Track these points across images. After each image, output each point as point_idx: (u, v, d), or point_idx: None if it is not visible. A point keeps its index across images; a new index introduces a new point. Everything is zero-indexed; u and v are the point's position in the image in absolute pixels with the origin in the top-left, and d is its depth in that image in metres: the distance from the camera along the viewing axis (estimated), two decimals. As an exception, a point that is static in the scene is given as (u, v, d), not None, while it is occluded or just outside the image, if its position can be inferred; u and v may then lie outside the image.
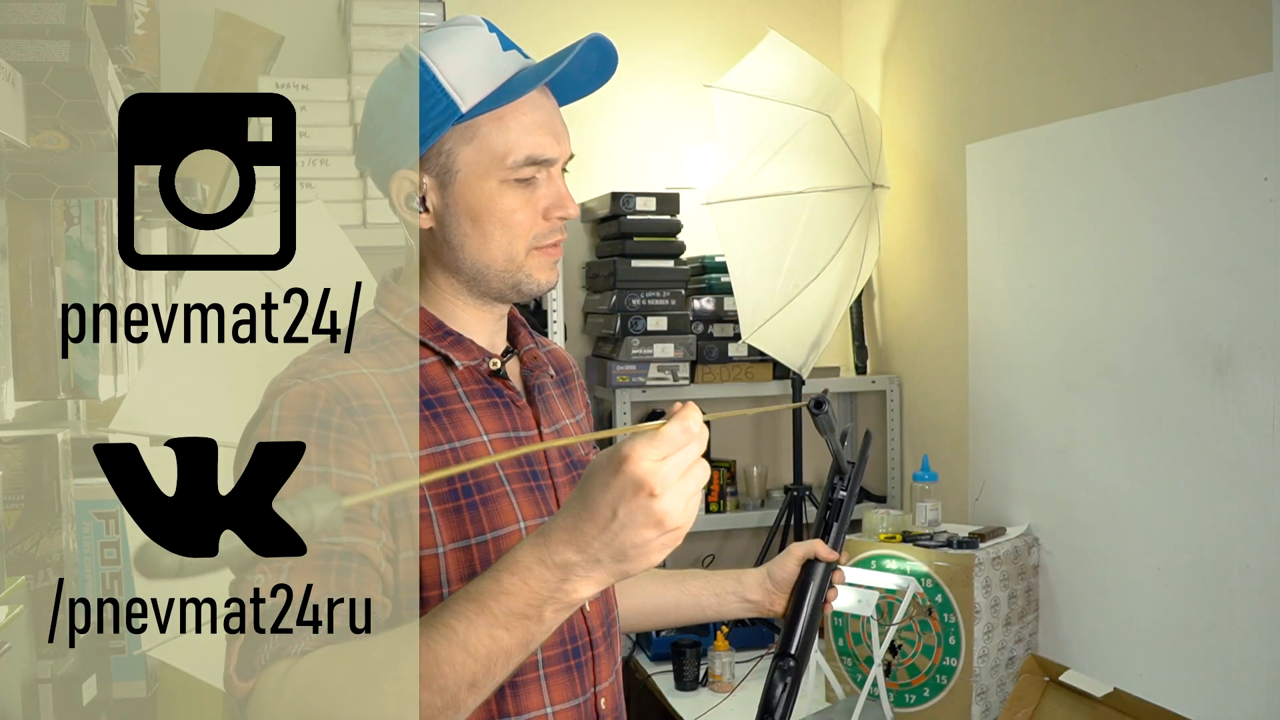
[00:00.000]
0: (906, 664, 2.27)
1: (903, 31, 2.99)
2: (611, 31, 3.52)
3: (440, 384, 1.06)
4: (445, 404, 1.05)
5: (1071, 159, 2.30)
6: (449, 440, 1.02)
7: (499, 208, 1.04)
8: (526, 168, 1.05)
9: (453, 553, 0.99)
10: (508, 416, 1.09)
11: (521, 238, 1.06)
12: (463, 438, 1.03)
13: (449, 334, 1.08)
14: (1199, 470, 2.01)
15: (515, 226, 1.05)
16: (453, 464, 1.00)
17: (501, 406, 1.09)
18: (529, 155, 1.05)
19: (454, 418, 1.04)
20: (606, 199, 2.86)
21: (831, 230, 2.67)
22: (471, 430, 1.05)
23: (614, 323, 2.83)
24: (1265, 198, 1.86)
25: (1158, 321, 2.09)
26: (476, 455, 1.03)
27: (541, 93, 1.08)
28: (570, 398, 1.25)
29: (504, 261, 1.06)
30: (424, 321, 1.08)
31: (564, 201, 1.08)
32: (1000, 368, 2.56)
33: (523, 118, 1.05)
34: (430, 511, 0.99)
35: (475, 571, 0.98)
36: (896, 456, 3.06)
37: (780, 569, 1.29)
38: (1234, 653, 1.96)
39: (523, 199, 1.05)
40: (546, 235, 1.07)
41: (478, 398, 1.08)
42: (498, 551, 1.00)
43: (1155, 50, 2.09)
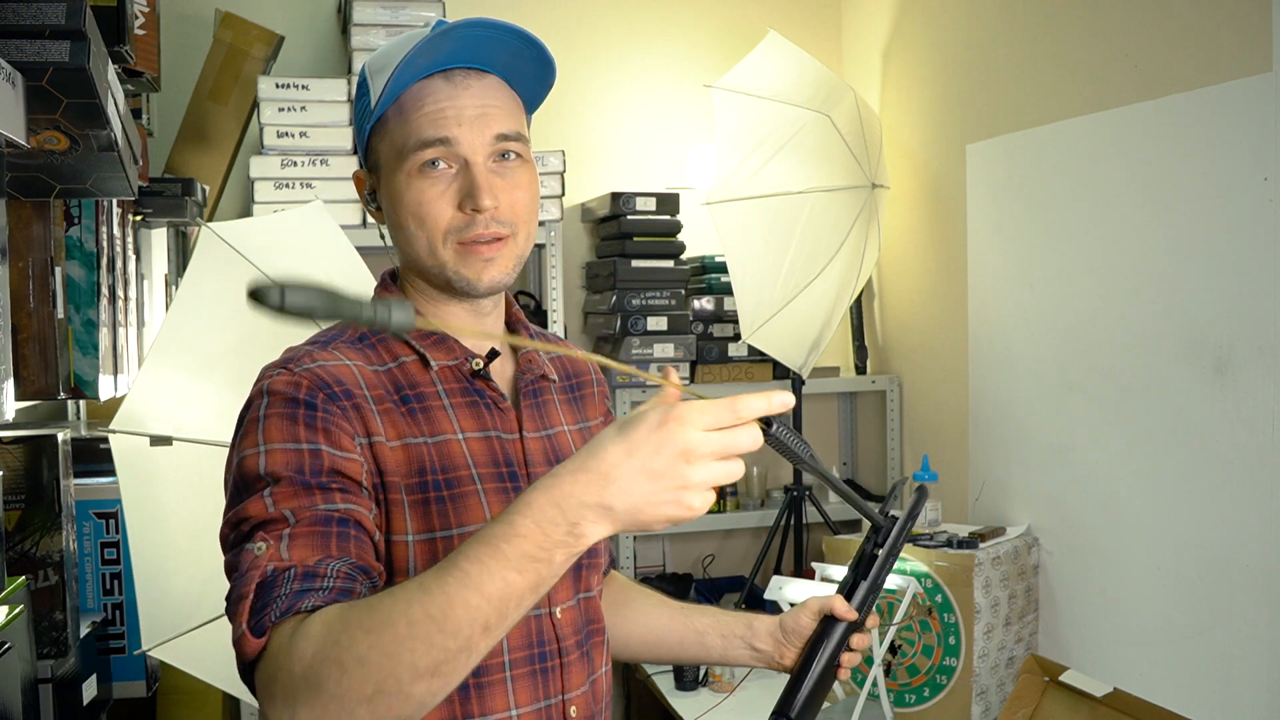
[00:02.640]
0: (906, 664, 2.27)
1: (903, 31, 2.99)
2: (611, 31, 3.52)
3: (420, 380, 1.06)
4: (423, 400, 1.05)
5: (1071, 159, 2.30)
6: (422, 434, 1.02)
7: (407, 199, 1.04)
8: (423, 151, 1.02)
9: (419, 543, 0.99)
10: (488, 415, 1.08)
11: (435, 230, 1.04)
12: (436, 433, 1.03)
13: (431, 333, 1.08)
14: (1199, 470, 2.01)
15: (426, 219, 1.04)
16: (424, 458, 1.01)
17: (482, 406, 1.08)
18: (420, 139, 1.02)
19: (430, 413, 1.04)
20: (606, 199, 2.86)
21: (831, 230, 2.67)
22: (446, 427, 1.04)
23: (614, 323, 2.83)
24: (1265, 198, 1.86)
25: (1158, 321, 2.09)
26: (449, 451, 1.03)
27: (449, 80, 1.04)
28: (580, 404, 1.23)
29: (427, 256, 1.05)
30: None
31: (473, 191, 1.02)
32: (1000, 368, 2.56)
33: (421, 105, 1.03)
34: (402, 499, 0.99)
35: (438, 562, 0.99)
36: (896, 456, 3.06)
37: (793, 620, 1.22)
38: (1234, 653, 1.96)
39: (430, 189, 1.03)
40: (465, 229, 1.03)
41: (456, 396, 1.07)
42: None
43: (1155, 50, 2.09)
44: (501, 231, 1.05)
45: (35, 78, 0.96)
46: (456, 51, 1.02)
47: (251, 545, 0.89)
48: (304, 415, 0.95)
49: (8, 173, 1.25)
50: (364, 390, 1.01)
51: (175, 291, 1.78)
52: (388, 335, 1.08)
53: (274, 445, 0.94)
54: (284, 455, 0.93)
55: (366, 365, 1.04)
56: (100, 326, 1.60)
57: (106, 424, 1.69)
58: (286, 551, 0.87)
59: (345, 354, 1.04)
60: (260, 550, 0.88)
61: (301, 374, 0.98)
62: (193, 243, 2.09)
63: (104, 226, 1.62)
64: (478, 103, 1.04)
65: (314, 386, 0.97)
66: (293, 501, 0.90)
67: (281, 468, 0.92)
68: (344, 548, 0.90)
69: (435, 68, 1.03)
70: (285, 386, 0.97)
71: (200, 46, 2.68)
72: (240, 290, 1.26)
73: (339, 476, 0.94)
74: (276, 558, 0.87)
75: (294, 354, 1.03)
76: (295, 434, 0.94)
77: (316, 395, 0.97)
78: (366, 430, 0.98)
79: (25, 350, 1.47)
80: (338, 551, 0.89)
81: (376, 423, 0.99)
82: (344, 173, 2.56)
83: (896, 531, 1.18)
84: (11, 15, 0.94)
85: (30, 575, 1.44)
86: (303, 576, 0.86)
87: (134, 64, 1.66)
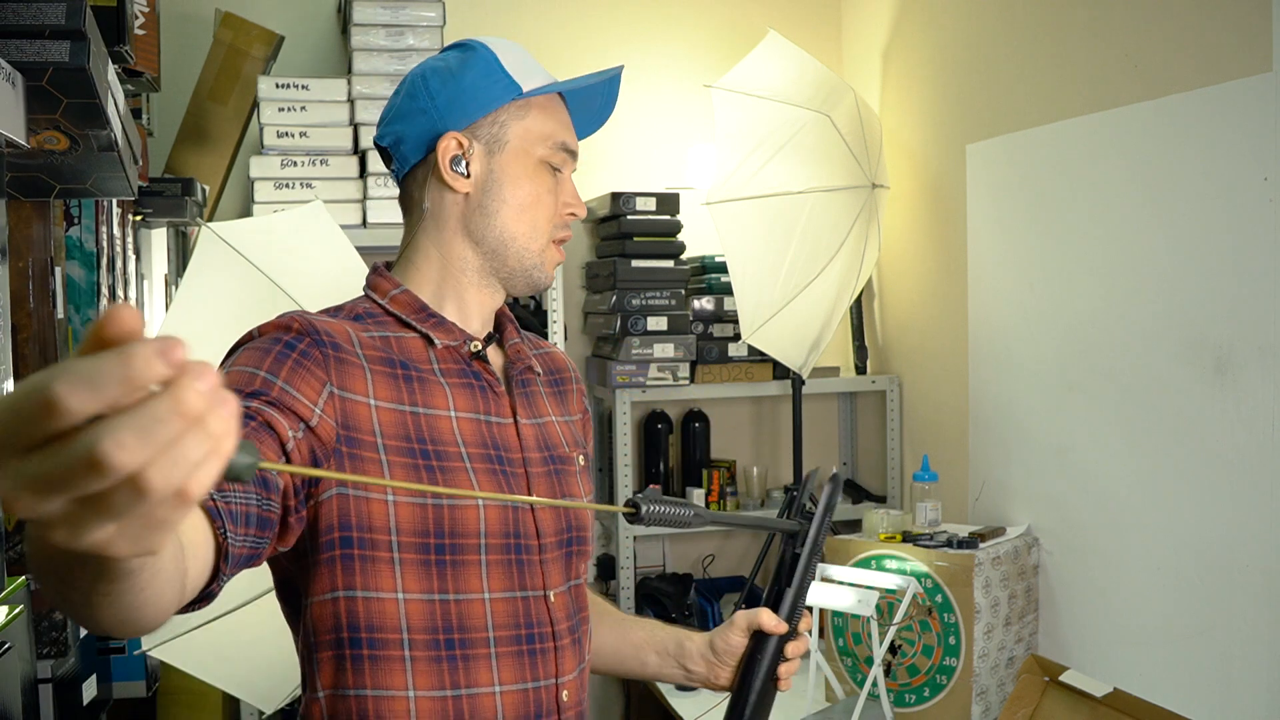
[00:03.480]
0: (906, 664, 2.27)
1: (903, 31, 2.99)
2: (611, 31, 3.52)
3: (418, 357, 1.08)
4: (420, 372, 1.07)
5: (1071, 159, 2.30)
6: (413, 404, 1.04)
7: (537, 184, 1.12)
8: (561, 153, 1.13)
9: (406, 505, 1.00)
10: (482, 399, 1.10)
11: (547, 220, 1.12)
12: (428, 405, 1.05)
13: (431, 316, 1.11)
14: (1199, 470, 2.01)
15: (545, 208, 1.12)
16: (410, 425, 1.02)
17: (477, 389, 1.10)
18: (564, 142, 1.14)
19: (426, 386, 1.06)
20: (606, 199, 2.86)
21: (831, 230, 2.67)
22: (440, 403, 1.06)
23: (614, 323, 2.83)
24: (1265, 198, 1.86)
25: (1158, 321, 2.09)
26: (439, 426, 1.04)
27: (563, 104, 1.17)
28: (564, 399, 1.25)
29: (527, 239, 1.12)
30: (408, 304, 1.11)
31: (577, 198, 1.15)
32: (1000, 368, 2.56)
33: (561, 113, 1.15)
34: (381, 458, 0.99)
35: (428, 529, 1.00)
36: (896, 456, 3.06)
37: (723, 640, 1.20)
38: (1234, 653, 1.96)
39: (552, 185, 1.13)
40: (561, 228, 1.14)
41: (454, 376, 1.09)
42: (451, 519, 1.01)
43: (1155, 50, 2.09)
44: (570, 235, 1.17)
45: (35, 78, 0.96)
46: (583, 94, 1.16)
47: None
48: (278, 350, 0.98)
49: (8, 173, 1.25)
50: (356, 349, 1.03)
51: (175, 291, 1.78)
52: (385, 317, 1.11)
53: (238, 367, 0.96)
54: (240, 376, 0.95)
55: (366, 334, 1.07)
56: (100, 326, 1.60)
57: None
58: None
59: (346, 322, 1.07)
60: None
61: (294, 317, 1.02)
62: (193, 243, 2.10)
63: (104, 226, 1.62)
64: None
65: (303, 331, 1.00)
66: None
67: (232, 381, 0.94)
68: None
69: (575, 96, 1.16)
70: (275, 329, 1.01)
71: (200, 46, 2.68)
72: (240, 290, 1.25)
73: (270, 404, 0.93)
74: None
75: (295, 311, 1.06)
76: (261, 363, 0.96)
77: (302, 339, 0.99)
78: (343, 383, 0.99)
79: (25, 350, 1.47)
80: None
81: (364, 380, 1.01)
82: (344, 173, 2.56)
83: (814, 530, 1.14)
84: (11, 15, 0.94)
85: (30, 575, 1.44)
86: None
87: (134, 64, 1.66)
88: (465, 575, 1.03)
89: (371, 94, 2.57)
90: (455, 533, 1.02)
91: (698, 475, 3.00)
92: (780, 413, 3.24)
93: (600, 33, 3.12)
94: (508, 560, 1.06)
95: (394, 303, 1.11)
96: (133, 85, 1.92)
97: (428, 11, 2.59)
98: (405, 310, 1.11)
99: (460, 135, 1.11)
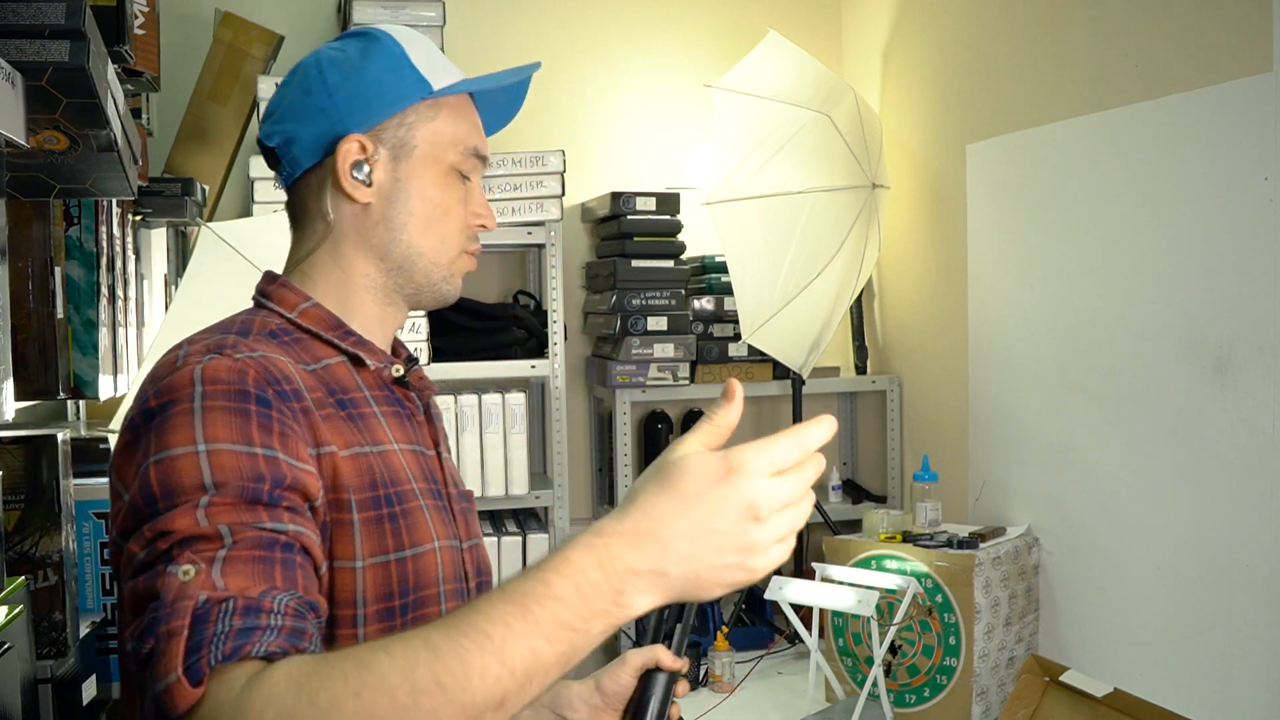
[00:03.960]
0: (906, 664, 2.27)
1: (903, 31, 2.99)
2: (611, 31, 3.51)
3: (348, 384, 0.96)
4: (356, 405, 0.96)
5: (1071, 159, 2.30)
6: (364, 443, 0.92)
7: (446, 194, 1.01)
8: (472, 158, 1.03)
9: (373, 568, 0.88)
10: (411, 429, 1.01)
11: (457, 233, 1.03)
12: (376, 441, 0.95)
13: (349, 334, 0.99)
14: (1199, 470, 2.01)
15: (455, 220, 1.02)
16: (374, 466, 0.91)
17: (405, 417, 1.01)
18: (476, 147, 1.04)
19: (366, 421, 0.95)
20: (606, 199, 2.86)
21: (831, 230, 2.67)
22: (383, 436, 0.96)
23: (614, 323, 2.83)
24: (1265, 198, 1.86)
25: (1158, 321, 2.09)
26: (392, 463, 0.94)
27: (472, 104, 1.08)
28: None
29: (435, 253, 1.01)
30: (323, 320, 0.98)
31: (488, 209, 1.05)
32: (1000, 368, 2.56)
33: (472, 114, 1.05)
34: (353, 519, 0.87)
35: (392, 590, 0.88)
36: (896, 456, 3.06)
37: (613, 681, 1.07)
38: (1234, 653, 1.96)
39: (462, 194, 1.03)
40: (472, 240, 1.05)
41: (383, 404, 0.99)
42: (415, 570, 0.91)
43: (1155, 50, 2.09)
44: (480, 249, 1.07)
45: (35, 78, 0.96)
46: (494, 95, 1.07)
47: (174, 568, 0.71)
48: (258, 413, 0.81)
49: (8, 173, 1.25)
50: (305, 391, 0.89)
51: (175, 291, 1.78)
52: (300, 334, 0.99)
53: (220, 445, 0.78)
54: (234, 459, 0.78)
55: (297, 363, 0.92)
56: (100, 326, 1.60)
57: (106, 424, 1.69)
58: (220, 578, 0.71)
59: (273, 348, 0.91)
60: (188, 575, 0.71)
61: (245, 361, 0.84)
62: (193, 243, 2.10)
63: (104, 226, 1.62)
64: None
65: (263, 379, 0.83)
66: (231, 516, 0.74)
67: (233, 475, 0.77)
68: (290, 578, 0.74)
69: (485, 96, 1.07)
70: (229, 375, 0.82)
71: (200, 46, 2.68)
72: (240, 290, 1.23)
73: (292, 493, 0.80)
74: (209, 585, 0.70)
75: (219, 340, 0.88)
76: (248, 434, 0.79)
77: (267, 390, 0.83)
78: (315, 439, 0.86)
79: (25, 350, 1.46)
80: (283, 583, 0.73)
81: (324, 430, 0.88)
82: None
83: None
84: (11, 15, 0.94)
85: (30, 575, 1.44)
86: (244, 611, 0.69)
87: (134, 64, 1.66)
88: None
89: (371, 94, 2.56)
90: (420, 585, 0.92)
91: (698, 475, 2.99)
92: (780, 413, 3.24)
93: (600, 33, 3.12)
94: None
95: (305, 317, 0.98)
96: (133, 85, 1.92)
97: (428, 11, 2.59)
98: (322, 327, 0.98)
99: (363, 138, 0.98)
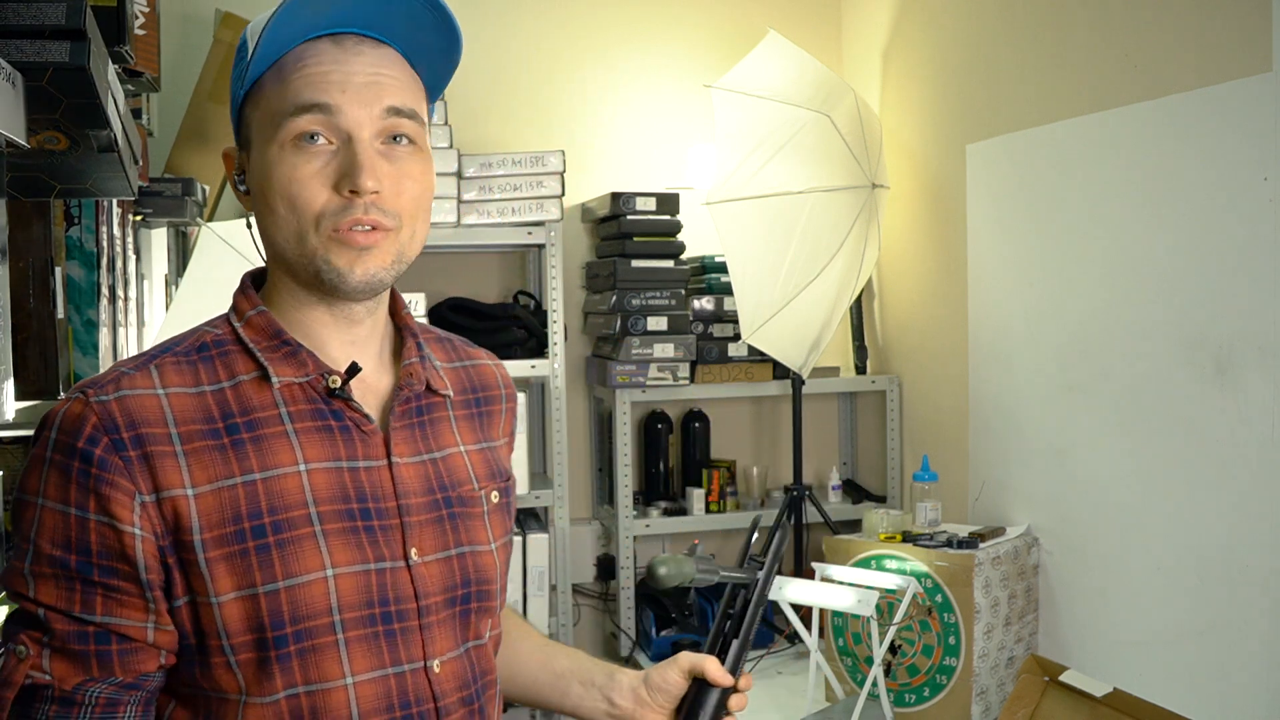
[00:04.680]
0: (906, 664, 2.27)
1: (903, 31, 2.99)
2: (611, 31, 3.52)
3: (258, 403, 0.92)
4: (258, 427, 0.91)
5: (1071, 159, 2.30)
6: (244, 472, 0.89)
7: (277, 176, 0.90)
8: (300, 118, 0.89)
9: (232, 603, 0.87)
10: (344, 443, 0.94)
11: (306, 213, 0.89)
12: (268, 467, 0.90)
13: (284, 344, 0.94)
14: (1199, 470, 2.01)
15: (297, 199, 0.89)
16: (242, 500, 0.88)
17: (337, 431, 0.94)
18: (295, 103, 0.89)
19: (264, 444, 0.90)
20: (606, 199, 2.86)
21: (831, 230, 2.67)
22: (284, 459, 0.91)
23: (614, 323, 2.83)
24: (1265, 198, 1.86)
25: (1158, 321, 2.09)
26: (284, 488, 0.90)
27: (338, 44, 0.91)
28: (485, 421, 1.09)
29: (295, 244, 0.91)
30: (263, 327, 0.95)
31: (352, 170, 0.88)
32: (1000, 368, 2.56)
33: (303, 66, 0.90)
34: (198, 558, 0.86)
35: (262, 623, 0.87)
36: (896, 456, 3.06)
37: (661, 677, 1.09)
38: (1234, 653, 1.96)
39: (305, 166, 0.89)
40: (340, 213, 0.89)
41: (305, 419, 0.93)
42: (291, 602, 0.88)
43: (1155, 50, 2.09)
44: (383, 221, 0.90)
45: (35, 78, 0.96)
46: (348, 15, 0.90)
47: (14, 646, 0.86)
48: (78, 470, 0.85)
49: (8, 173, 1.25)
50: (169, 428, 0.88)
51: (175, 291, 1.78)
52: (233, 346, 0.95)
53: (48, 502, 0.86)
54: (52, 519, 0.86)
55: (188, 390, 0.91)
56: (100, 326, 1.60)
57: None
58: (48, 664, 0.86)
59: (168, 374, 0.91)
60: (23, 654, 0.86)
61: (93, 408, 0.87)
62: (193, 243, 2.10)
63: (104, 226, 1.62)
64: (369, 70, 0.91)
65: (98, 429, 0.86)
66: (54, 595, 0.85)
67: (48, 539, 0.86)
68: (106, 667, 0.86)
69: (322, 29, 0.90)
70: (70, 425, 0.87)
71: (200, 46, 2.68)
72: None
73: (103, 561, 0.85)
74: (38, 667, 0.86)
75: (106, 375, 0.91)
76: (66, 494, 0.85)
77: (99, 443, 0.86)
78: (155, 485, 0.86)
79: (25, 350, 1.46)
80: (99, 672, 0.86)
81: (178, 471, 0.87)
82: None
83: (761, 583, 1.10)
84: (11, 15, 0.94)
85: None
86: (60, 703, 0.85)
87: (134, 64, 1.66)
88: (320, 664, 0.89)
89: (371, 94, 2.57)
90: (299, 617, 0.88)
91: (698, 475, 3.00)
92: (780, 413, 3.24)
93: (600, 33, 3.12)
94: (373, 634, 0.91)
95: (248, 326, 0.95)
96: (133, 85, 1.92)
97: (428, 11, 2.59)
98: (257, 337, 0.95)
99: (232, 149, 0.98)
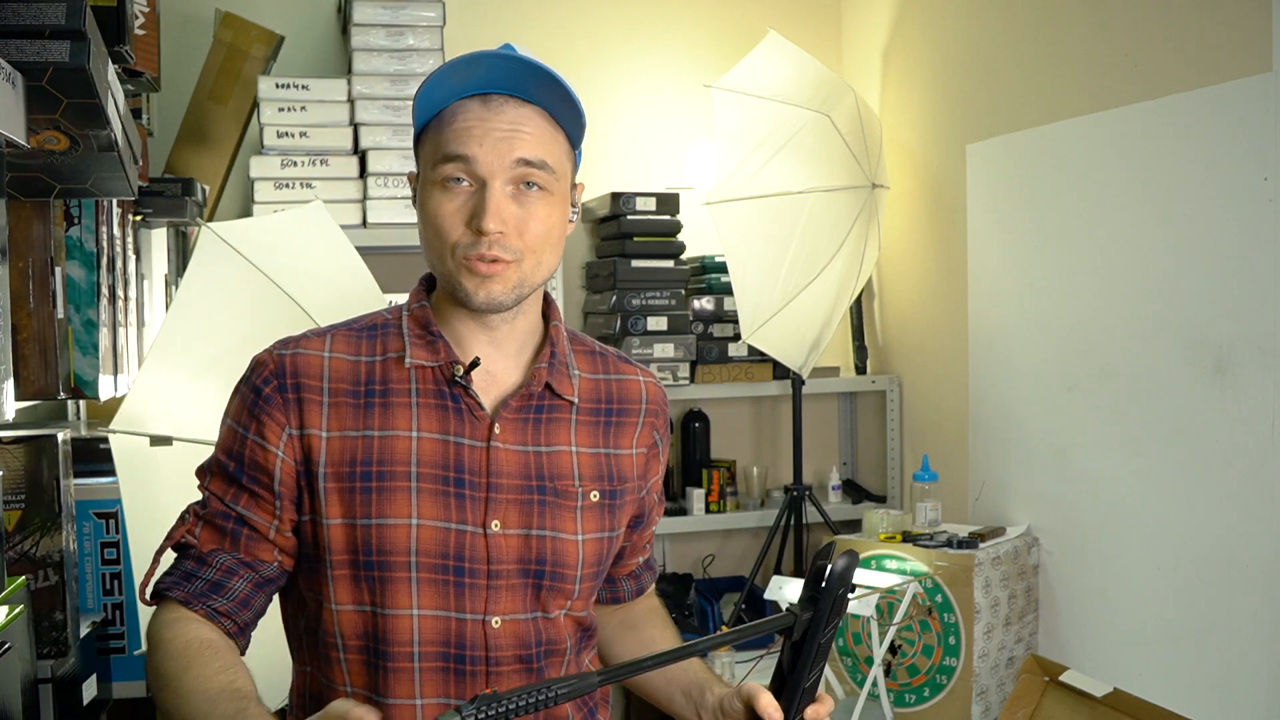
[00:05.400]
0: (906, 664, 2.27)
1: (903, 31, 2.99)
2: (611, 31, 3.51)
3: (395, 377, 1.12)
4: (389, 395, 1.12)
5: (1071, 159, 2.30)
6: (367, 427, 1.10)
7: (429, 209, 1.09)
8: (444, 165, 1.08)
9: (338, 527, 1.09)
10: (454, 421, 1.11)
11: (445, 242, 1.08)
12: (387, 428, 1.10)
13: (430, 334, 1.13)
14: (1199, 470, 2.01)
15: (440, 230, 1.08)
16: (359, 449, 1.09)
17: (452, 411, 1.12)
18: (444, 152, 1.08)
19: (390, 409, 1.11)
20: (606, 199, 2.86)
21: (831, 230, 2.67)
22: (402, 424, 1.10)
23: (614, 323, 2.83)
24: (1265, 198, 1.86)
25: (1158, 321, 2.09)
26: (395, 446, 1.09)
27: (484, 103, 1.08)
28: (611, 430, 1.20)
29: (438, 262, 1.10)
30: (419, 318, 1.15)
31: (479, 212, 1.06)
32: (1000, 368, 2.56)
33: (454, 122, 1.08)
34: (320, 487, 1.09)
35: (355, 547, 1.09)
36: (896, 456, 3.06)
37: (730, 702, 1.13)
38: (1234, 653, 1.96)
39: (447, 204, 1.08)
40: (470, 247, 1.07)
41: (428, 396, 1.12)
42: (379, 536, 1.08)
43: (1155, 50, 2.09)
44: (503, 256, 1.07)
45: (35, 78, 0.96)
46: (494, 78, 1.07)
47: (185, 514, 1.13)
48: (250, 400, 1.11)
49: (8, 173, 1.25)
50: (323, 382, 1.11)
51: (175, 291, 1.78)
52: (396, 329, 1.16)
53: (229, 420, 1.13)
54: (226, 434, 1.13)
55: (348, 356, 1.13)
56: (100, 326, 1.60)
57: (106, 424, 1.69)
58: (199, 531, 1.11)
59: (338, 342, 1.14)
60: (186, 520, 1.12)
61: (274, 358, 1.12)
62: (193, 243, 2.09)
63: (104, 226, 1.62)
64: (508, 125, 1.07)
65: (271, 374, 1.11)
66: (215, 485, 1.12)
67: (223, 446, 1.13)
68: (235, 544, 1.10)
69: (471, 91, 1.08)
70: (257, 367, 1.13)
71: (200, 46, 2.68)
72: (240, 290, 1.25)
73: (252, 470, 1.10)
74: (191, 532, 1.11)
75: (296, 336, 1.14)
76: (240, 417, 1.12)
77: (269, 383, 1.11)
78: (301, 423, 1.10)
79: (25, 350, 1.47)
80: (229, 546, 1.10)
81: (319, 416, 1.10)
82: (344, 173, 2.56)
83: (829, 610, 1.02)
84: (11, 15, 0.94)
85: (30, 575, 1.44)
86: (196, 560, 1.10)
87: (134, 64, 1.66)
88: (393, 592, 1.09)
89: (371, 94, 2.57)
90: (382, 550, 1.08)
91: (698, 475, 3.00)
92: (780, 413, 3.24)
93: (600, 33, 3.12)
94: (443, 580, 1.09)
95: (410, 316, 1.15)
96: (133, 85, 1.92)
97: (428, 11, 2.59)
98: (413, 325, 1.15)
99: (412, 173, 1.17)
